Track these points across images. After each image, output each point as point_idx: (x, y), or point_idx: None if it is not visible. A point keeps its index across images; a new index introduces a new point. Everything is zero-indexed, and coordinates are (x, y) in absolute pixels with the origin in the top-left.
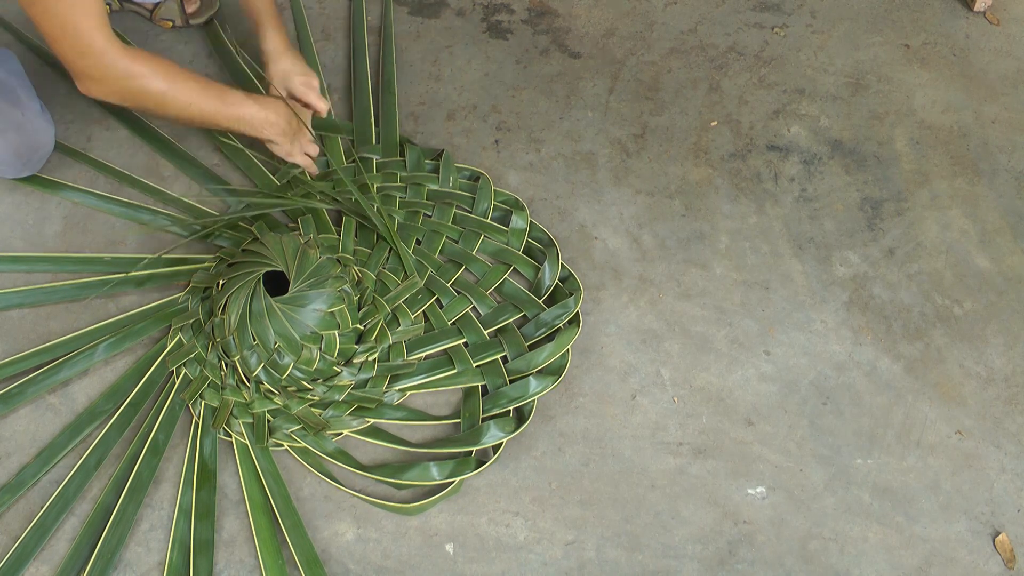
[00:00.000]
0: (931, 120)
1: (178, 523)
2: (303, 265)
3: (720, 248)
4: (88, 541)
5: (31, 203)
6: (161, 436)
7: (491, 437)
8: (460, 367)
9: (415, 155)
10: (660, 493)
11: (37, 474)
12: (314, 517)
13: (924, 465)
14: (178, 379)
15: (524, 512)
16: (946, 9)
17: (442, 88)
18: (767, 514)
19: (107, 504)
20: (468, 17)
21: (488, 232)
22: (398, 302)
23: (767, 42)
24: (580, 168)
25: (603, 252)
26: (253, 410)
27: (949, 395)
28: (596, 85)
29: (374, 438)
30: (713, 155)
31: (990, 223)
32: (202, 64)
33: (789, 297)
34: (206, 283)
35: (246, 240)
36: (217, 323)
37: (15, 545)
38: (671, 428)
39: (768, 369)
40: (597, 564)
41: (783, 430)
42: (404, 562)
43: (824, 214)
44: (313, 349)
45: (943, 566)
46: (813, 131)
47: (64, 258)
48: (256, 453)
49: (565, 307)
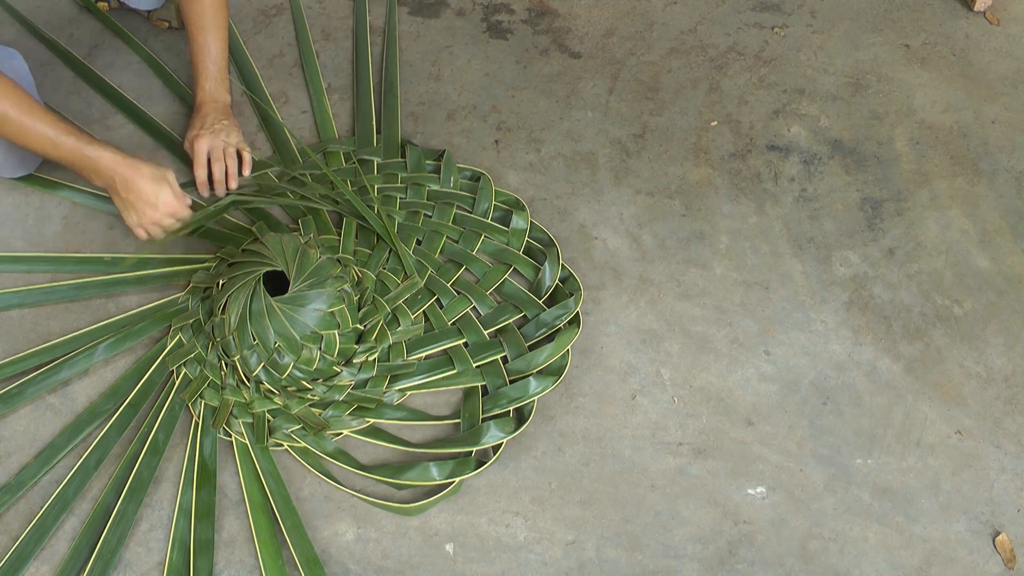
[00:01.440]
0: (931, 120)
1: (178, 523)
2: (303, 265)
3: (720, 248)
4: (88, 541)
5: (31, 203)
6: (161, 436)
7: (491, 437)
8: (460, 367)
9: (416, 156)
10: (660, 493)
11: (37, 474)
12: (314, 517)
13: (924, 465)
14: (178, 379)
15: (524, 512)
16: (946, 9)
17: (442, 88)
18: (767, 514)
19: (107, 504)
20: (468, 17)
21: (488, 232)
22: (398, 302)
23: (767, 42)
24: (580, 168)
25: (603, 252)
26: (253, 410)
27: (949, 395)
28: (596, 85)
29: (374, 438)
30: (713, 155)
31: (990, 223)
32: None
33: (789, 297)
34: (206, 283)
35: (246, 240)
36: (217, 323)
37: (15, 545)
38: (671, 428)
39: (768, 369)
40: (597, 564)
41: (783, 430)
42: (404, 562)
43: (824, 214)
44: (313, 349)
45: (943, 566)
46: (813, 131)
47: (63, 258)
48: (256, 453)
49: (565, 307)
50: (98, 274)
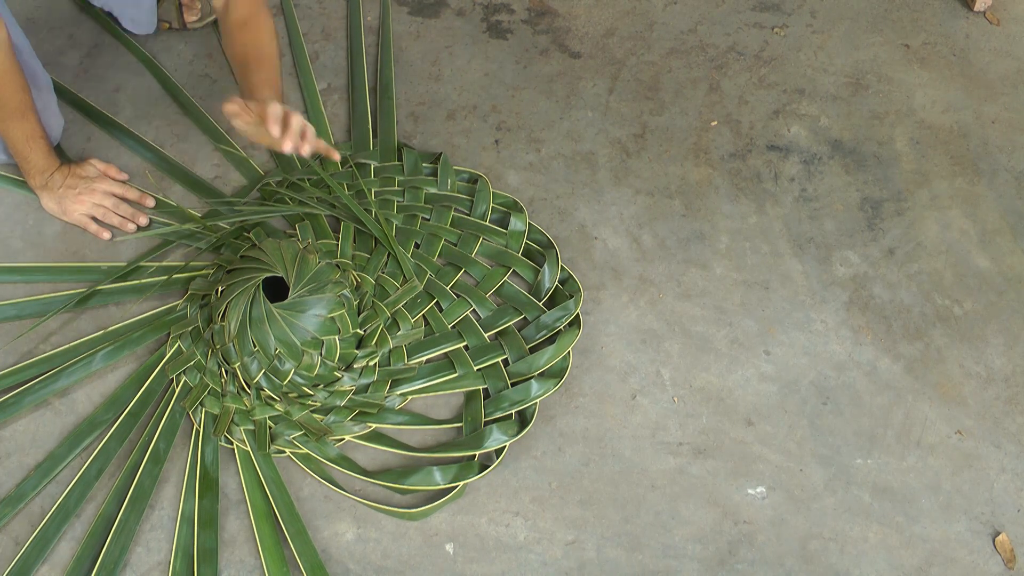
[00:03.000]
0: (931, 120)
1: (181, 531)
2: (302, 271)
3: (720, 248)
4: (90, 552)
5: (31, 203)
6: (162, 445)
7: (494, 441)
8: (461, 370)
9: (412, 159)
10: (660, 493)
11: (38, 486)
12: (314, 517)
13: (924, 465)
14: (178, 387)
15: (524, 512)
16: (946, 9)
17: (442, 88)
18: (767, 514)
19: (109, 514)
20: (468, 17)
21: (487, 235)
22: (398, 306)
23: (767, 42)
24: (580, 168)
25: (603, 252)
26: (254, 417)
27: (949, 395)
28: (596, 85)
29: (376, 443)
30: (713, 155)
31: (990, 223)
32: (201, 64)
33: (789, 297)
34: (204, 290)
35: (244, 247)
36: (217, 330)
37: (16, 557)
38: (671, 428)
39: (768, 369)
40: (597, 564)
41: (783, 430)
42: (404, 562)
43: (824, 214)
44: (314, 354)
45: (943, 566)
46: (813, 131)
47: (61, 268)
48: (258, 460)
49: (565, 309)
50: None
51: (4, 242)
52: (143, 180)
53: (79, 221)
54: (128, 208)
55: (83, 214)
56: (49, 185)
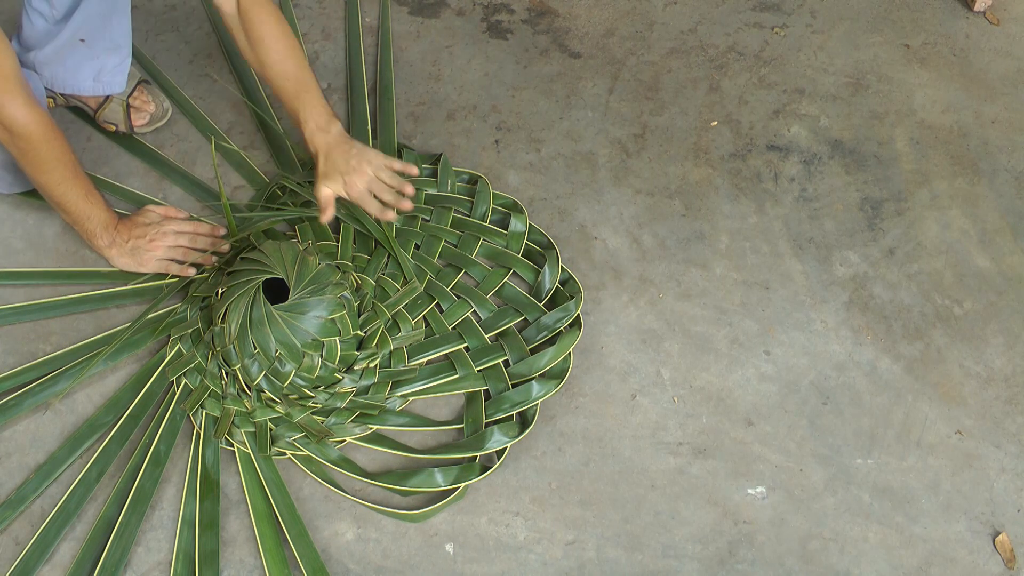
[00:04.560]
0: (931, 120)
1: (182, 533)
2: (302, 272)
3: (720, 248)
4: (91, 555)
5: (31, 204)
6: (162, 447)
7: (495, 442)
8: (462, 372)
9: (412, 159)
10: (660, 493)
11: (38, 489)
12: (314, 517)
13: (924, 465)
14: (178, 389)
15: (524, 512)
16: (946, 9)
17: (442, 88)
18: (767, 514)
19: (109, 517)
20: (468, 17)
21: (487, 235)
22: (398, 307)
23: (767, 42)
24: (580, 168)
25: (603, 252)
26: (255, 419)
27: (949, 395)
28: (596, 85)
29: (377, 444)
30: (713, 155)
31: (990, 223)
32: (201, 64)
33: (789, 297)
34: (204, 292)
35: (244, 248)
36: (217, 332)
37: (18, 558)
38: (671, 428)
39: (768, 369)
40: (597, 564)
41: (783, 430)
42: (404, 562)
43: (824, 214)
44: (315, 356)
45: (943, 566)
46: (813, 131)
47: (61, 272)
48: (259, 462)
49: (566, 310)
50: (96, 287)
51: (4, 242)
52: (145, 179)
53: (160, 268)
54: (205, 241)
55: (161, 259)
56: (117, 242)
